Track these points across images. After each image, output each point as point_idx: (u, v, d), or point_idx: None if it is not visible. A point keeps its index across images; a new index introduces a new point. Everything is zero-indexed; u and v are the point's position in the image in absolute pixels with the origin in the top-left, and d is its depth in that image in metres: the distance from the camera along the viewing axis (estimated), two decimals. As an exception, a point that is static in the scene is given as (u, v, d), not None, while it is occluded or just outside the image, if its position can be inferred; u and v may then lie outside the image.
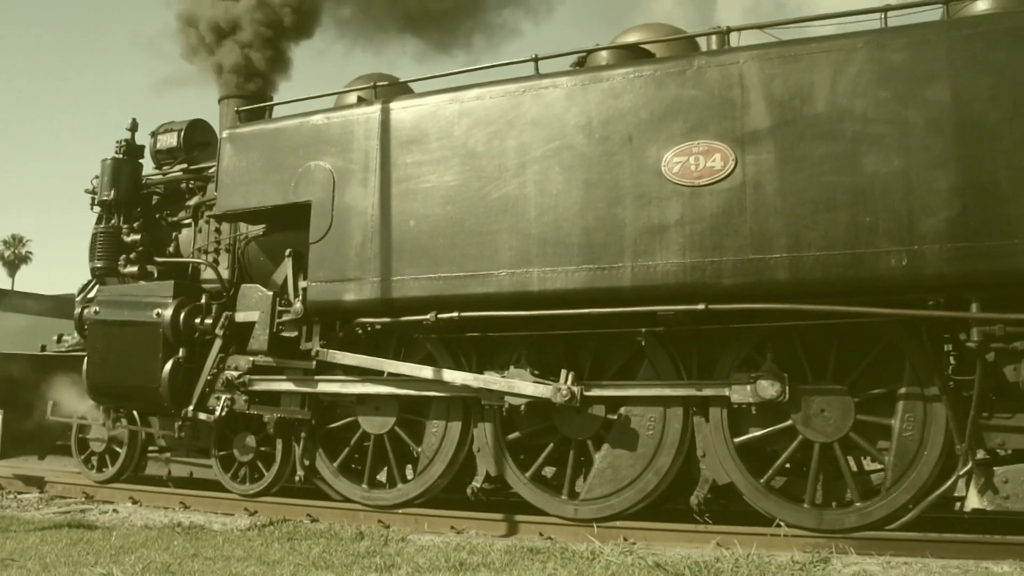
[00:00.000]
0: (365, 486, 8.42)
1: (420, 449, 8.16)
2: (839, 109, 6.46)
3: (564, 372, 7.30)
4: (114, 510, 9.19)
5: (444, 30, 10.92)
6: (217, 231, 9.61)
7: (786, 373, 6.83)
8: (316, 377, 8.37)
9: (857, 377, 6.87)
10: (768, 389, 6.80)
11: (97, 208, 10.20)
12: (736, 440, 7.07)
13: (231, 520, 8.49)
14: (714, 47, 7.42)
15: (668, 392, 7.22)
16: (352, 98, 8.81)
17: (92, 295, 9.92)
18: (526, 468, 7.77)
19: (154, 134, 10.46)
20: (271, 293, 8.52)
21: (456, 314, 7.36)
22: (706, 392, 7.10)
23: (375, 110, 8.07)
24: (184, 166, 10.22)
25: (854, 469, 7.34)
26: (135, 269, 9.74)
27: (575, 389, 7.20)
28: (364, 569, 5.81)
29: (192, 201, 10.04)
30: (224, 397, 8.55)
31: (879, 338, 6.82)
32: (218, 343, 8.78)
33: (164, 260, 9.84)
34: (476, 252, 7.33)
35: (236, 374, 8.54)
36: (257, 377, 8.54)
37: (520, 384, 7.43)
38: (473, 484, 7.86)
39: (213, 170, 9.37)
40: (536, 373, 7.48)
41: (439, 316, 7.41)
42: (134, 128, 10.35)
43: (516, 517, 7.69)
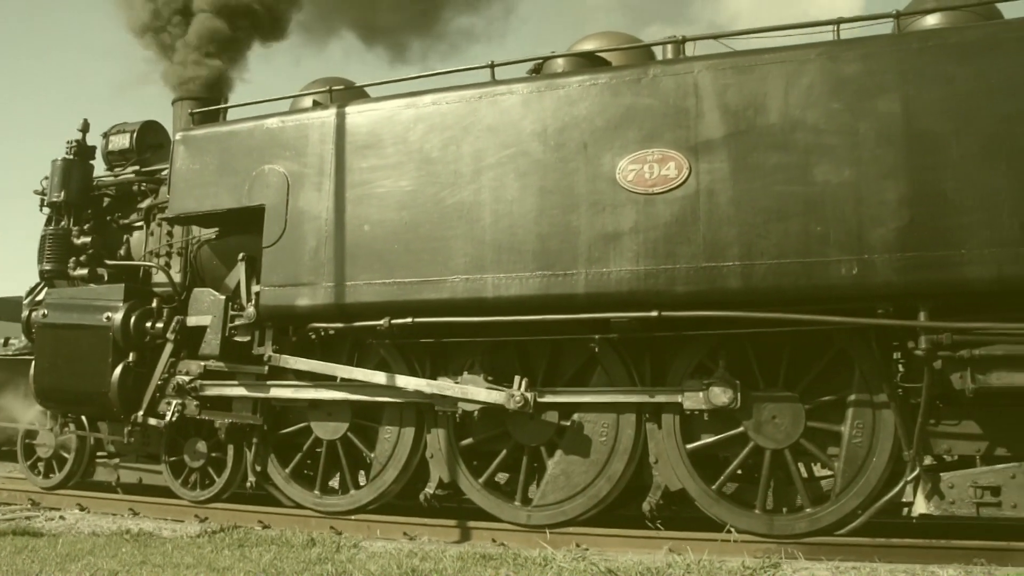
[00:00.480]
0: (317, 492, 8.36)
1: (373, 455, 8.12)
2: (791, 119, 6.54)
3: (518, 378, 7.30)
4: (61, 517, 9.04)
5: (401, 38, 10.90)
6: (169, 234, 9.52)
7: (738, 380, 6.90)
8: (268, 382, 8.30)
9: (808, 384, 6.95)
10: (720, 396, 6.86)
11: (47, 209, 10.06)
12: (688, 446, 7.11)
13: (181, 527, 8.38)
14: (669, 56, 7.47)
15: (621, 399, 7.25)
16: (307, 102, 8.76)
17: (40, 298, 9.78)
18: (479, 474, 7.76)
19: (106, 135, 10.35)
20: (223, 297, 8.45)
21: (410, 320, 7.35)
22: (659, 399, 7.14)
23: (330, 114, 8.03)
24: (136, 168, 10.12)
25: (804, 475, 7.42)
26: (85, 272, 9.60)
27: (528, 395, 7.20)
28: (315, 576, 5.78)
29: (144, 203, 9.93)
30: (175, 402, 8.47)
31: (830, 346, 6.91)
32: (169, 347, 8.69)
33: (115, 263, 9.71)
34: (431, 258, 7.31)
35: (187, 379, 8.45)
36: (209, 382, 8.46)
37: (473, 390, 7.42)
38: (426, 490, 7.83)
39: (166, 172, 9.25)
40: (490, 379, 7.46)
41: (393, 322, 7.39)
42: (85, 129, 10.22)
43: (469, 523, 7.67)
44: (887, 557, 6.39)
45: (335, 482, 8.58)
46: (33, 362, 9.41)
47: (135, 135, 10.14)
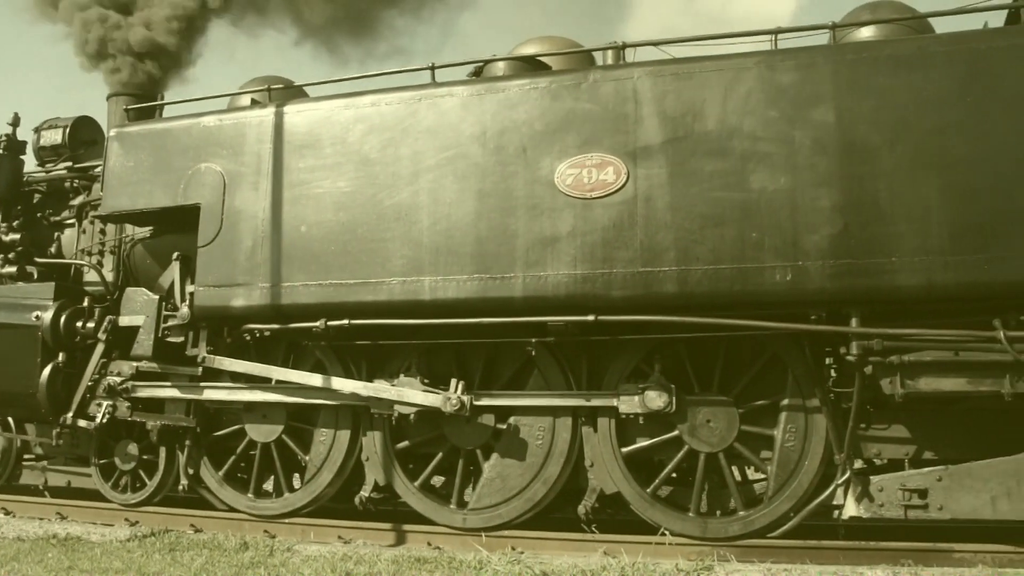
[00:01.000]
0: (251, 495, 8.26)
1: (308, 458, 8.05)
2: (729, 127, 6.61)
3: (454, 381, 7.29)
4: (-16, 522, 8.83)
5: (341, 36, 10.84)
6: (102, 232, 9.34)
7: (673, 384, 6.95)
8: (202, 384, 8.19)
9: (742, 389, 7.03)
10: (656, 400, 6.90)
11: (-26, 205, 9.82)
12: (624, 450, 7.15)
13: (111, 531, 8.22)
14: (610, 62, 7.51)
15: (557, 402, 7.27)
16: (245, 100, 8.66)
17: (-33, 296, 9.53)
18: (415, 477, 7.73)
19: (37, 130, 10.12)
20: (157, 297, 8.31)
21: (346, 322, 7.29)
22: (595, 402, 7.17)
23: (268, 113, 7.94)
24: (69, 164, 9.92)
25: (738, 478, 7.52)
26: (14, 270, 9.43)
27: (465, 398, 7.19)
28: (247, 580, 5.72)
29: (76, 200, 9.74)
30: (106, 404, 8.32)
31: (764, 351, 7.00)
32: (100, 348, 8.53)
33: (45, 261, 9.52)
34: (368, 259, 7.27)
35: (119, 380, 8.30)
36: (141, 383, 8.31)
37: (410, 393, 7.39)
38: (361, 493, 7.77)
39: (99, 169, 9.09)
40: (426, 382, 7.44)
41: (329, 323, 7.33)
42: (16, 123, 10.00)
43: (404, 527, 7.62)
44: (818, 559, 6.50)
45: (269, 485, 8.46)
46: (-42, 362, 9.16)
47: (68, 130, 9.94)
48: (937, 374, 6.27)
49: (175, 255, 8.34)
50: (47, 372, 8.55)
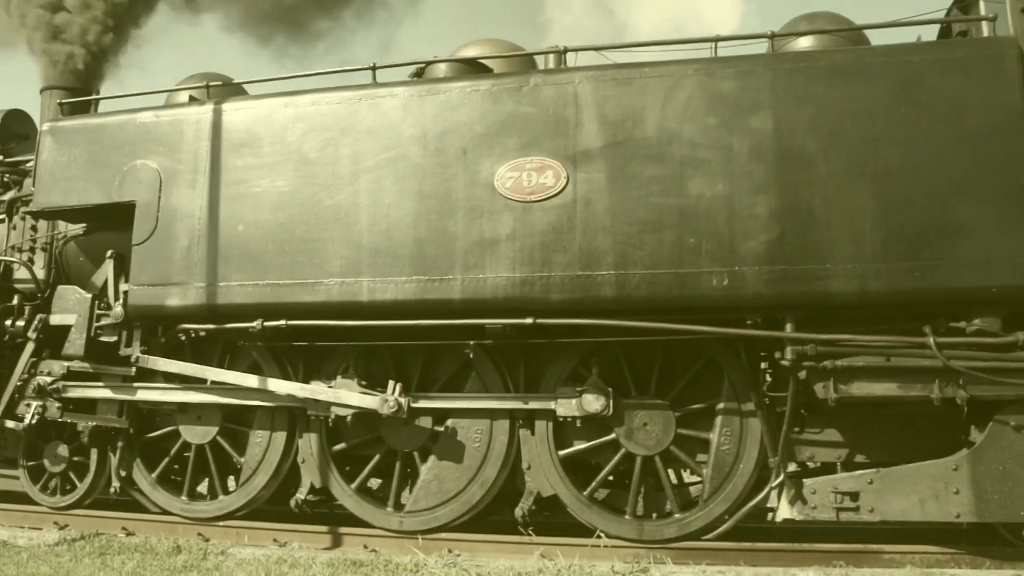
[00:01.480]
0: (185, 498, 8.14)
1: (243, 460, 7.95)
2: (668, 133, 6.67)
3: (392, 383, 7.26)
4: (-94, 526, 8.60)
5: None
6: (33, 228, 9.12)
7: (611, 388, 6.99)
8: (136, 384, 8.06)
9: (678, 392, 7.10)
10: (593, 403, 6.94)
11: (-100, 199, 9.55)
12: (561, 453, 7.17)
13: (39, 535, 8.04)
14: (551, 66, 7.53)
15: (495, 405, 7.28)
16: (183, 97, 8.54)
17: None
18: (352, 480, 7.68)
19: (-34, 124, 9.89)
20: (90, 296, 8.16)
21: (283, 322, 7.22)
22: (532, 405, 7.18)
23: (207, 110, 7.83)
24: (-1, 159, 9.70)
25: (674, 481, 7.57)
26: (-59, 266, 9.16)
27: (402, 400, 7.17)
28: (179, 584, 5.64)
29: (7, 196, 9.48)
30: (35, 404, 8.12)
31: (700, 355, 7.07)
32: (30, 347, 8.35)
33: (-27, 258, 9.29)
34: (306, 260, 7.20)
35: (49, 380, 8.13)
36: (72, 383, 8.15)
37: (347, 395, 7.35)
38: (297, 496, 7.70)
39: (31, 164, 8.92)
40: (364, 384, 7.41)
41: (266, 324, 7.25)
42: (-53, 116, 9.77)
43: (340, 529, 7.59)
44: (752, 560, 6.60)
45: (204, 488, 8.35)
46: None
47: (-3, 124, 9.73)
48: (869, 379, 6.40)
49: (109, 253, 8.19)
50: (-27, 372, 8.35)
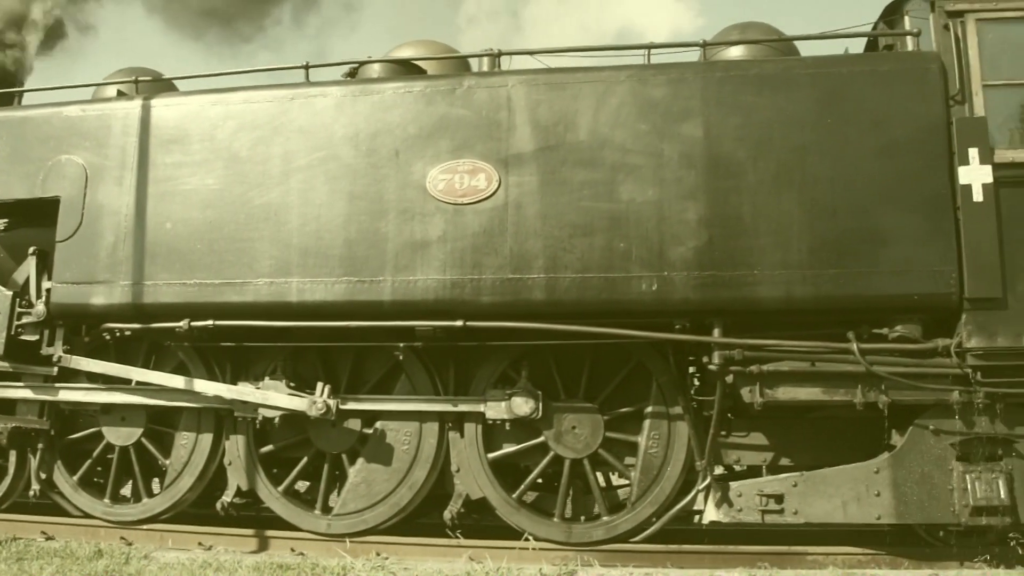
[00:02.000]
0: (107, 501, 7.97)
1: (168, 462, 7.82)
2: (600, 138, 6.72)
3: (320, 385, 7.20)
4: None
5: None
6: (-48, 224, 8.90)
7: (540, 391, 7.02)
8: (57, 384, 7.88)
9: (607, 396, 7.14)
10: (522, 406, 6.96)
11: None
12: (490, 456, 7.18)
13: (-47, 540, 7.83)
14: (485, 68, 7.54)
15: (424, 407, 7.25)
16: (111, 91, 8.38)
17: None
18: (279, 482, 7.59)
19: None
20: (10, 293, 7.94)
21: (211, 322, 7.12)
22: (462, 408, 7.18)
23: (135, 106, 7.70)
24: (-83, 151, 9.41)
25: (602, 484, 7.62)
26: None
27: (331, 402, 7.11)
28: (99, 589, 5.54)
29: (-75, 190, 9.25)
30: (-49, 404, 7.92)
31: (629, 359, 7.12)
32: (-53, 346, 8.12)
33: None
34: (235, 259, 7.11)
35: (-34, 379, 7.93)
36: (-10, 383, 7.95)
37: (275, 396, 7.26)
38: (223, 498, 7.59)
39: (-50, 157, 8.67)
40: (292, 385, 7.33)
41: (193, 324, 7.15)
42: None
43: (267, 532, 7.50)
44: (679, 562, 6.69)
45: (127, 490, 8.20)
46: None
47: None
48: (794, 384, 6.52)
49: (31, 249, 7.99)
50: None
